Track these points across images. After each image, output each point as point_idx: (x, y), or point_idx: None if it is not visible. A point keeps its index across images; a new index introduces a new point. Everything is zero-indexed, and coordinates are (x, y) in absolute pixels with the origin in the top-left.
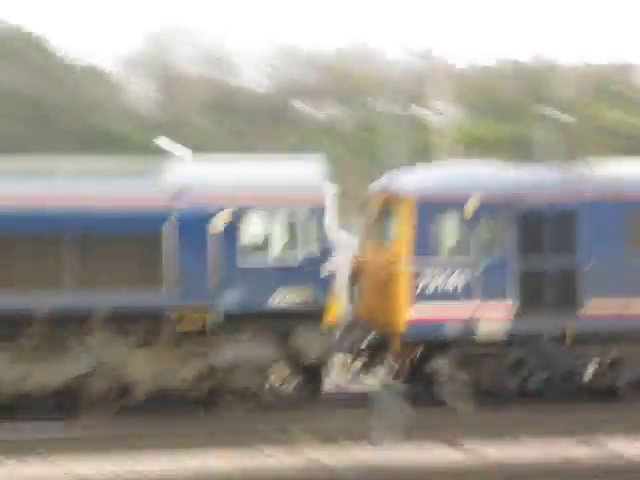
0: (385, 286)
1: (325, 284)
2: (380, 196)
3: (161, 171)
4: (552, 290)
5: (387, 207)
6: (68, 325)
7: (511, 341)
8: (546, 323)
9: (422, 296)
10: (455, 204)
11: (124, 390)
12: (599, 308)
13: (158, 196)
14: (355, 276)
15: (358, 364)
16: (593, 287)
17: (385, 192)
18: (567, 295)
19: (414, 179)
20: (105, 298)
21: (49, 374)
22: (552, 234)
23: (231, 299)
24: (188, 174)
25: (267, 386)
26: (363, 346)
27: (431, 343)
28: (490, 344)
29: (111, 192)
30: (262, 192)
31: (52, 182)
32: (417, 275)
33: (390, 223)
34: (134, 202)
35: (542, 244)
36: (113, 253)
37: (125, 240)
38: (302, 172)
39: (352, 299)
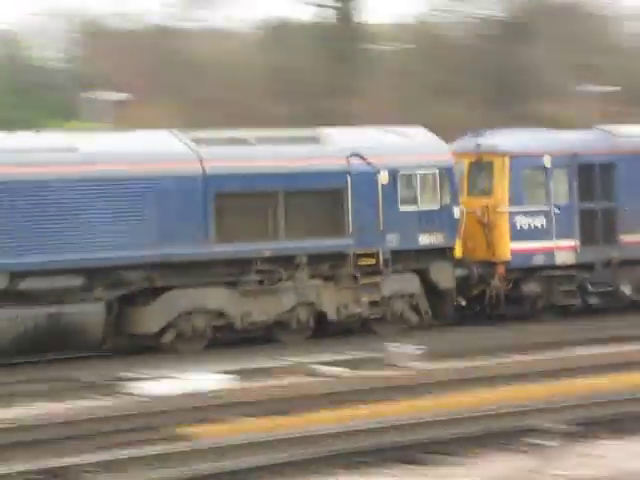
0: (489, 228)
1: (454, 227)
2: (471, 155)
3: (331, 138)
4: (601, 228)
5: (480, 163)
6: (279, 268)
7: (577, 267)
8: (598, 253)
9: (518, 234)
10: (537, 161)
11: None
12: (632, 241)
13: (338, 159)
14: None
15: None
16: (628, 225)
17: (477, 151)
18: (611, 232)
19: (506, 141)
20: (303, 244)
21: (267, 308)
22: (599, 183)
23: (393, 239)
24: (352, 141)
25: (414, 311)
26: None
27: (524, 269)
28: (564, 269)
29: (304, 156)
30: (409, 157)
31: (255, 149)
32: (514, 218)
33: (484, 177)
34: (323, 164)
35: (593, 192)
36: (309, 206)
37: (318, 194)
38: (431, 141)
39: None
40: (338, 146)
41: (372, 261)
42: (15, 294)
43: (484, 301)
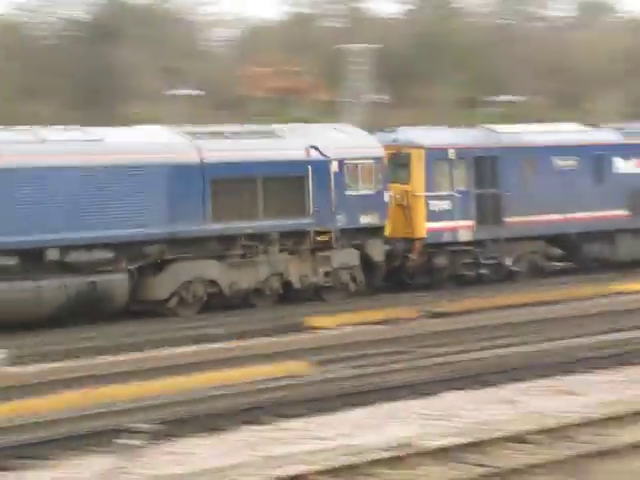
0: (409, 210)
1: (384, 209)
2: (390, 148)
3: (292, 133)
4: (490, 211)
5: (399, 155)
6: (257, 243)
7: (474, 243)
8: (489, 231)
9: (432, 215)
10: (444, 154)
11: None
12: (513, 222)
13: (300, 151)
14: None
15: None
16: (510, 208)
17: (396, 145)
18: (497, 214)
19: (420, 136)
20: (276, 223)
21: (248, 278)
22: (487, 173)
23: (342, 219)
24: (308, 136)
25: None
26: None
27: (435, 245)
28: (464, 245)
29: (274, 148)
30: (351, 149)
31: (239, 142)
32: (428, 201)
33: (402, 166)
34: (290, 155)
35: (484, 180)
36: (279, 190)
37: (285, 180)
38: (365, 136)
39: None
40: (298, 140)
41: (326, 238)
42: (62, 265)
43: (400, 272)
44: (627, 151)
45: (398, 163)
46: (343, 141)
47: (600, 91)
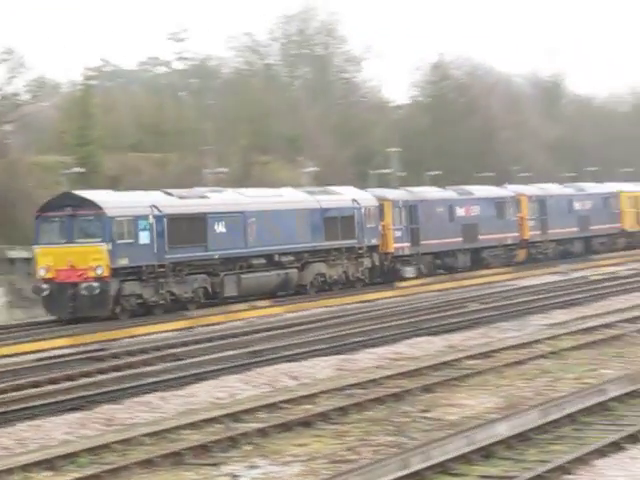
0: (385, 236)
1: (379, 235)
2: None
3: (344, 191)
4: (414, 237)
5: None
6: (337, 253)
7: (410, 255)
8: (415, 249)
9: (395, 239)
10: (399, 203)
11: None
12: (426, 243)
13: (350, 201)
14: None
15: None
16: (423, 235)
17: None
18: (417, 238)
19: (387, 193)
20: (343, 242)
21: (337, 272)
22: (412, 215)
23: (366, 241)
24: (353, 193)
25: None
26: None
27: (398, 256)
28: (407, 256)
29: (339, 200)
30: (367, 202)
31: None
32: (394, 231)
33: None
34: (346, 203)
35: (411, 219)
36: (344, 222)
37: (345, 217)
38: (370, 194)
39: None
40: (348, 195)
41: (361, 250)
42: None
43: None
44: (460, 203)
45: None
46: (363, 196)
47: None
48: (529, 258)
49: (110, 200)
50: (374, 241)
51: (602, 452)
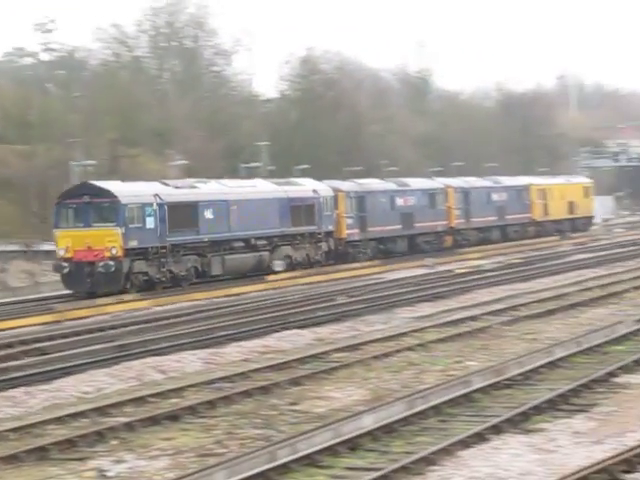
0: (339, 223)
1: (334, 222)
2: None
3: (305, 182)
4: (363, 224)
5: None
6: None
7: (359, 240)
8: (363, 235)
9: (348, 226)
10: (349, 194)
11: None
12: (373, 230)
13: (311, 191)
14: None
15: None
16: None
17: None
18: (365, 225)
19: (340, 185)
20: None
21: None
22: (360, 204)
23: (324, 226)
24: (312, 184)
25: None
26: None
27: (350, 241)
28: (356, 242)
29: (298, 190)
30: (325, 191)
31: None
32: (346, 219)
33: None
34: (307, 193)
35: (359, 208)
36: (305, 211)
37: (307, 206)
38: (327, 185)
39: None
40: (310, 186)
41: (320, 235)
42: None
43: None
44: (399, 194)
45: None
46: (321, 187)
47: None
48: (455, 244)
49: (123, 189)
50: (330, 227)
51: (466, 443)
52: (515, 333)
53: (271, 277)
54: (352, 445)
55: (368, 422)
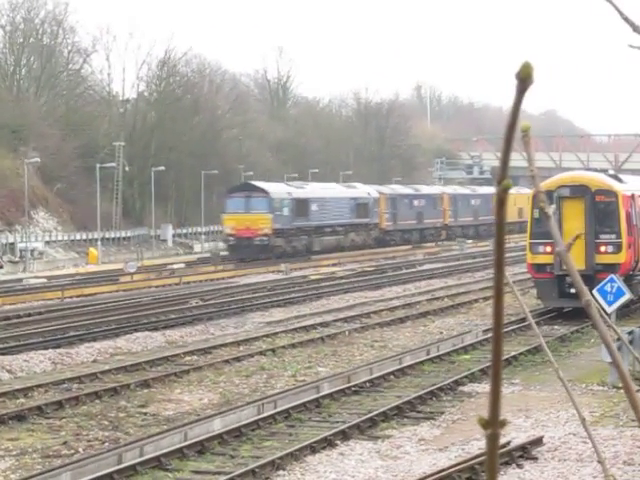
0: None
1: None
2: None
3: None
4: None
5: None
6: None
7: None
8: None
9: None
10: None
11: None
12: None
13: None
14: None
15: None
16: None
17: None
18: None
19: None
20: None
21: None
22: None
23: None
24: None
25: None
26: None
27: None
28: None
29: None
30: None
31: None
32: None
33: None
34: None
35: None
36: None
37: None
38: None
39: None
40: (365, 190)
41: (371, 225)
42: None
43: None
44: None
45: None
46: (371, 190)
47: None
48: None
49: (271, 188)
50: (376, 220)
51: (314, 448)
52: (365, 340)
53: (125, 278)
54: (200, 448)
55: (217, 426)
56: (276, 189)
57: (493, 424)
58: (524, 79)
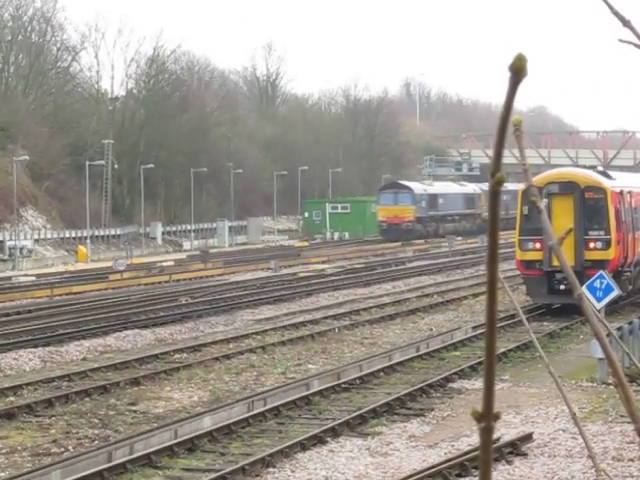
0: None
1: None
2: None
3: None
4: None
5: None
6: None
7: None
8: None
9: None
10: None
11: None
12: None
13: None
14: None
15: None
16: None
17: None
18: None
19: None
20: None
21: None
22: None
23: None
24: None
25: None
26: None
27: None
28: None
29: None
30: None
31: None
32: None
33: None
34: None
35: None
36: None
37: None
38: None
39: None
40: (472, 187)
41: (476, 215)
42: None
43: None
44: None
45: None
46: (475, 187)
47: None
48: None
49: (413, 185)
50: (479, 211)
51: (304, 445)
52: (355, 337)
53: (115, 276)
54: (191, 446)
55: (207, 423)
56: (416, 187)
57: (487, 417)
58: (517, 71)
